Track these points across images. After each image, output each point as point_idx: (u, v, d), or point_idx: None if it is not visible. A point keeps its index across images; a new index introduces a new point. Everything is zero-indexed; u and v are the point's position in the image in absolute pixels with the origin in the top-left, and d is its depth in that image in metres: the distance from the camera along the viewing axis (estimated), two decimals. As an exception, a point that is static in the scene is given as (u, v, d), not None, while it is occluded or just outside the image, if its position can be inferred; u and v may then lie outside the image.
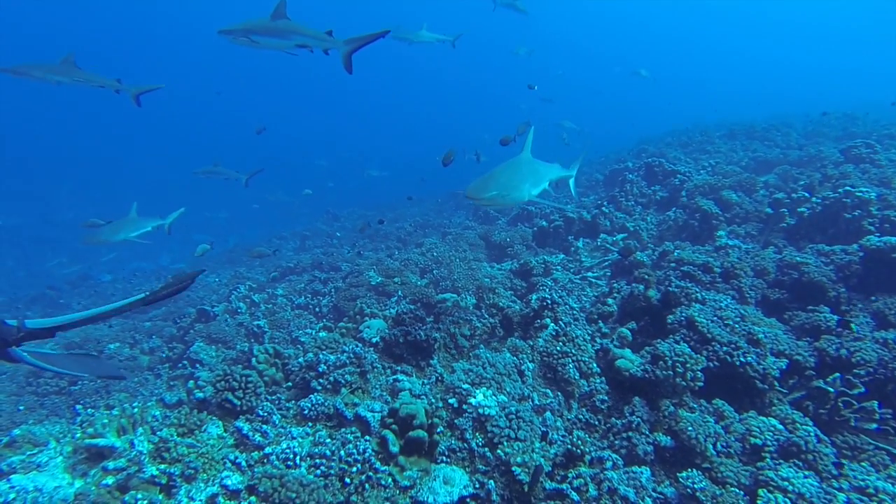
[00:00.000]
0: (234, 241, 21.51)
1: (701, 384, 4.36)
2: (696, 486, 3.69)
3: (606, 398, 4.66)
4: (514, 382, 4.48)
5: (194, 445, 3.68)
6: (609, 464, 3.88)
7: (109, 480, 3.27)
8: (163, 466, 3.48)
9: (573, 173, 7.20)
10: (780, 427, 4.12)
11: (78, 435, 3.72)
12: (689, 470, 3.83)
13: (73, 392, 8.02)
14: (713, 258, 6.47)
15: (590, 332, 5.56)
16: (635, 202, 9.93)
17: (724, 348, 4.63)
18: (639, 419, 4.28)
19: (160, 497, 3.39)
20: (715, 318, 5.11)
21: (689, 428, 4.04)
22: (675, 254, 6.73)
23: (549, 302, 5.46)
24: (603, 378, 4.84)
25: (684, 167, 10.24)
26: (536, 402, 4.48)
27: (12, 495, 2.71)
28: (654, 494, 3.76)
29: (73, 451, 3.68)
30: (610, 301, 6.14)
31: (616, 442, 4.23)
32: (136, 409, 3.88)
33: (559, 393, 4.70)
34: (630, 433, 4.22)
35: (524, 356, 4.86)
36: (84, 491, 3.14)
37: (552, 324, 5.34)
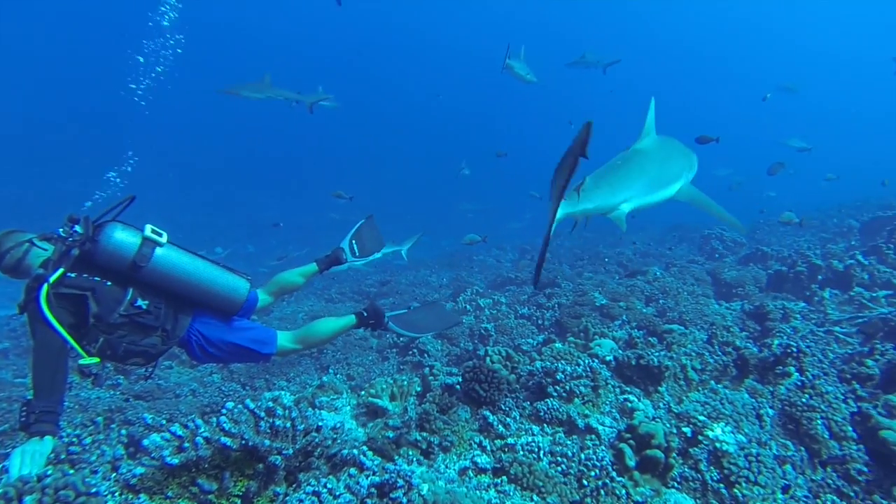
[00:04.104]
0: (446, 243, 23.16)
1: None
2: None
3: (865, 469, 4.23)
4: (752, 425, 4.32)
5: (448, 423, 4.27)
6: (869, 540, 3.55)
7: (390, 434, 3.99)
8: (424, 434, 4.10)
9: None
10: None
11: (363, 393, 4.58)
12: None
13: (320, 358, 9.58)
14: None
15: (842, 391, 5.07)
16: (908, 256, 8.58)
17: None
18: (912, 504, 3.82)
19: (422, 458, 4.02)
20: None
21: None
22: (965, 321, 5.73)
23: (794, 350, 5.10)
24: (861, 446, 4.39)
25: None
26: (775, 451, 4.26)
27: (331, 424, 3.51)
28: None
29: (357, 405, 4.55)
30: (870, 363, 5.49)
31: (878, 523, 3.83)
32: (405, 382, 4.63)
33: (802, 448, 4.39)
34: (901, 518, 3.78)
35: (763, 400, 4.64)
36: (372, 437, 3.89)
37: (797, 373, 4.99)
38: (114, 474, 2.90)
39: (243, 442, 2.71)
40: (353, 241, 4.90)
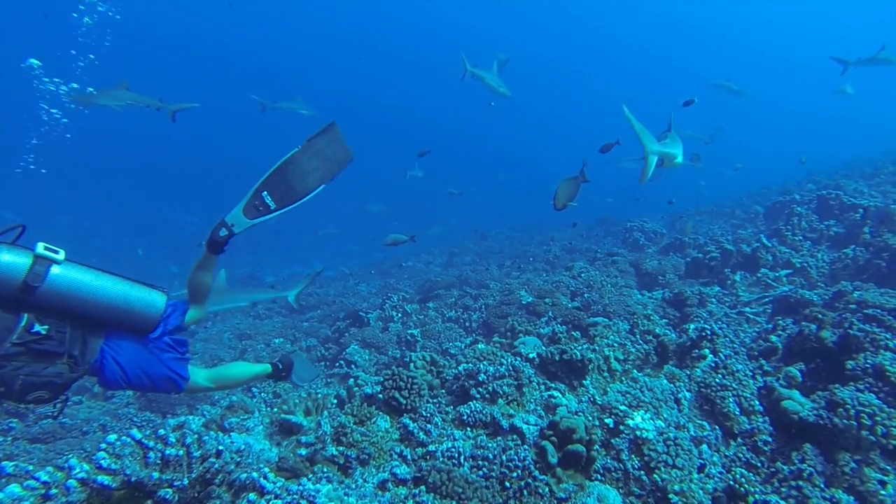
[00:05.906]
0: (378, 253, 23.03)
1: (896, 443, 3.95)
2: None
3: (770, 440, 4.41)
4: (671, 410, 4.42)
5: (367, 434, 4.11)
6: (777, 508, 3.68)
7: (303, 452, 3.79)
8: (341, 448, 3.93)
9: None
10: None
11: (275, 410, 4.35)
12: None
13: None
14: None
15: (751, 368, 5.30)
16: (803, 237, 9.17)
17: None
18: (811, 469, 3.99)
19: (339, 474, 3.84)
20: (913, 372, 4.59)
21: (884, 492, 3.69)
22: (856, 294, 6.13)
23: (708, 333, 5.29)
24: (766, 418, 4.59)
25: (869, 201, 9.24)
26: (692, 432, 4.37)
27: (236, 447, 3.29)
28: (829, 553, 3.49)
29: (271, 423, 4.31)
30: (773, 338, 5.79)
31: (783, 489, 3.98)
32: (320, 396, 4.44)
33: (717, 427, 4.54)
34: (800, 482, 3.94)
35: (681, 384, 4.76)
36: (284, 456, 3.68)
37: (711, 355, 5.17)
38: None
39: (125, 478, 2.45)
40: (264, 193, 3.68)
